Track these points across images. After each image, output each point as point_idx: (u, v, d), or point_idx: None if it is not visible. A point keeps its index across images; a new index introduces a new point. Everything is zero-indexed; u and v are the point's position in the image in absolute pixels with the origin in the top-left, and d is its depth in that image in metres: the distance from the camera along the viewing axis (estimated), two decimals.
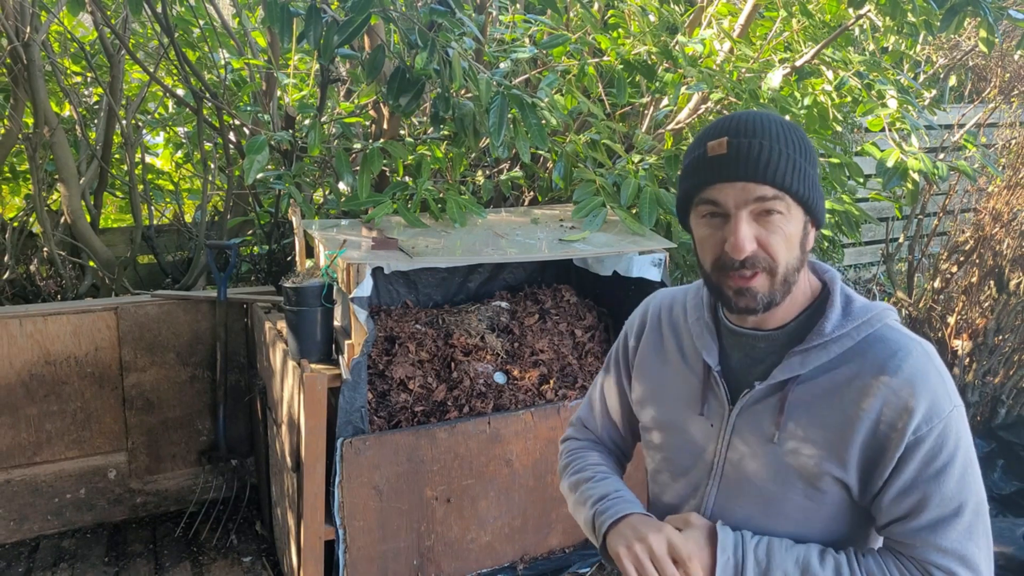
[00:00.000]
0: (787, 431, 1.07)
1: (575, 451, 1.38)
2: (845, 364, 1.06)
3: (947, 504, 1.01)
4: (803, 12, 2.94)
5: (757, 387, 1.10)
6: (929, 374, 1.03)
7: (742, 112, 1.06)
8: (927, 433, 1.00)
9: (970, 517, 1.01)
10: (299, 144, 2.73)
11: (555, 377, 2.40)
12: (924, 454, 1.01)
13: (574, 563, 2.39)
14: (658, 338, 1.27)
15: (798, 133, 1.04)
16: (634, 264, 2.44)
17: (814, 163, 1.05)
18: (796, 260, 1.04)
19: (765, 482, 1.10)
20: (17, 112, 3.37)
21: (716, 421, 1.15)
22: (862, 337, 1.06)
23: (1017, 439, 3.45)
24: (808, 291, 1.12)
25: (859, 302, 1.10)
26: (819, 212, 1.06)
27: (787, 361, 1.08)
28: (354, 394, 2.04)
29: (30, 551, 2.83)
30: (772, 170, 1.00)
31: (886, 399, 1.02)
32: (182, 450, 3.10)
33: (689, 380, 1.19)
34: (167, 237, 4.05)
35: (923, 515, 1.02)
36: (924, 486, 1.01)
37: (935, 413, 1.01)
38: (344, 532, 2.10)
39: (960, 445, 1.02)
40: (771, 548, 1.06)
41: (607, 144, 2.86)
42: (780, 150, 1.00)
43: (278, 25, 2.25)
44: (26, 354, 2.77)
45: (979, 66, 5.02)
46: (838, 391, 1.05)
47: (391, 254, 2.18)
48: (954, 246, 3.73)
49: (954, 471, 1.01)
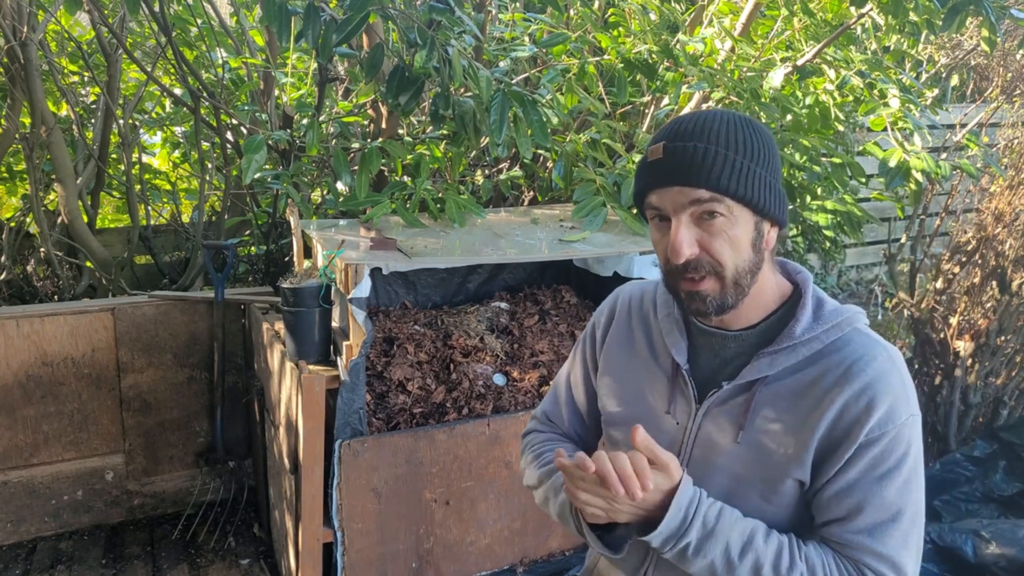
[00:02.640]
0: (751, 431, 1.08)
1: (539, 444, 1.33)
2: (811, 366, 1.07)
3: (886, 509, 1.02)
4: (805, 11, 2.92)
5: (724, 387, 1.10)
6: (891, 379, 1.03)
7: (689, 114, 1.06)
8: (879, 437, 1.01)
9: (907, 525, 1.02)
10: (297, 143, 2.71)
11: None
12: (872, 457, 1.02)
13: (574, 566, 2.38)
14: (627, 331, 1.26)
15: (746, 133, 1.02)
16: (634, 264, 2.42)
17: (766, 162, 1.03)
18: (746, 262, 1.03)
19: (725, 479, 1.10)
20: (14, 112, 3.36)
21: (682, 419, 1.14)
22: (831, 340, 1.07)
23: (1019, 440, 3.43)
24: (777, 292, 1.12)
25: (830, 305, 1.11)
26: (773, 211, 1.04)
27: (756, 362, 1.08)
28: (352, 395, 2.02)
29: (27, 553, 2.81)
30: (706, 173, 0.99)
31: (846, 401, 1.03)
32: (179, 452, 3.08)
33: (657, 377, 1.19)
34: (164, 237, 4.03)
35: (861, 517, 1.02)
36: (866, 488, 1.02)
37: (890, 418, 1.02)
38: (342, 534, 2.08)
39: (909, 453, 1.03)
40: (722, 514, 1.05)
41: (607, 143, 2.84)
42: (717, 151, 1.00)
43: (276, 24, 2.24)
44: (23, 355, 2.76)
45: (981, 65, 5.01)
46: (803, 392, 1.06)
47: (389, 254, 2.17)
48: (956, 246, 3.71)
49: (898, 478, 1.02)
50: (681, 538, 1.03)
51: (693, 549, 1.03)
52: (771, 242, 1.08)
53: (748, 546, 1.03)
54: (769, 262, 1.10)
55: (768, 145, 1.04)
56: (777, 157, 1.06)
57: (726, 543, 1.03)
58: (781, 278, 1.14)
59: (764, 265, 1.08)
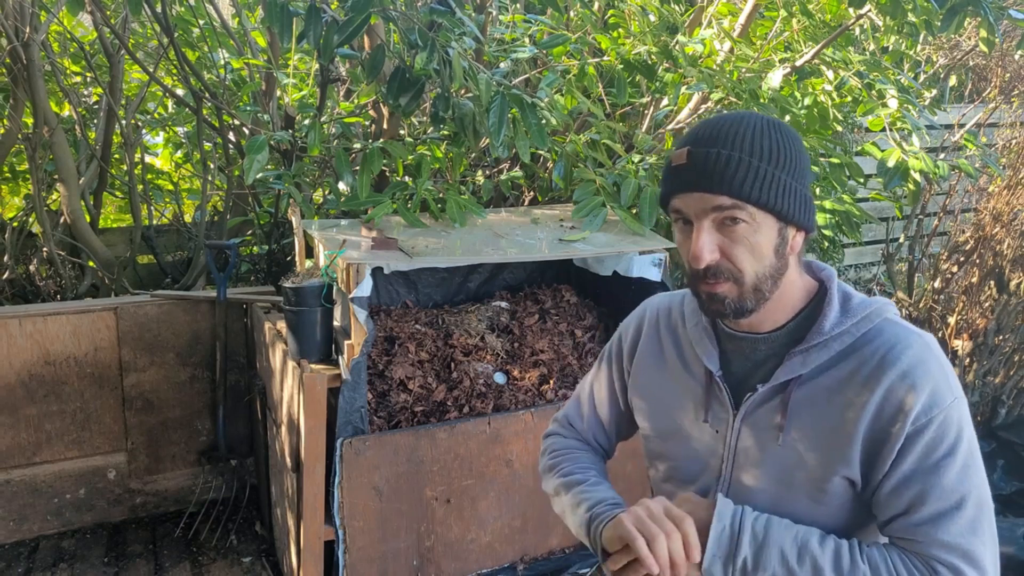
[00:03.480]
0: (791, 432, 1.07)
1: (562, 451, 1.36)
2: (845, 360, 1.05)
3: (948, 497, 0.99)
4: (803, 12, 2.94)
5: (760, 389, 1.09)
6: (929, 365, 1.02)
7: (716, 118, 1.05)
8: (927, 424, 0.99)
9: (973, 511, 0.99)
10: (299, 144, 2.72)
11: (555, 377, 2.40)
12: (924, 445, 0.99)
13: (574, 564, 2.39)
14: (656, 345, 1.26)
15: (773, 139, 1.02)
16: (634, 264, 2.44)
17: (792, 168, 1.02)
18: (768, 268, 1.03)
19: (771, 484, 1.09)
20: (17, 112, 3.37)
21: (721, 427, 1.14)
22: (861, 333, 1.06)
23: (1018, 439, 3.45)
24: (803, 291, 1.11)
25: (857, 298, 1.10)
26: (798, 216, 1.03)
27: (788, 362, 1.08)
28: (354, 394, 2.03)
29: (30, 551, 2.83)
30: (728, 179, 0.99)
31: (886, 391, 1.01)
32: (182, 450, 3.09)
33: (691, 387, 1.19)
34: (167, 237, 4.04)
35: (923, 508, 0.99)
36: (923, 478, 1.00)
37: (935, 403, 0.99)
38: (344, 532, 2.10)
39: (962, 437, 1.00)
40: (770, 523, 1.05)
41: (607, 144, 2.85)
42: (740, 158, 0.99)
43: (278, 25, 2.25)
44: (26, 354, 2.77)
45: (979, 66, 5.02)
46: (840, 388, 1.05)
47: (391, 254, 2.18)
48: (954, 246, 3.73)
49: (955, 463, 0.99)
50: (735, 556, 1.02)
51: (751, 564, 1.02)
52: (796, 246, 1.07)
53: (804, 550, 1.02)
54: (795, 264, 1.09)
55: (795, 150, 1.03)
56: (804, 161, 1.04)
57: (781, 551, 1.02)
58: (807, 277, 1.13)
59: (790, 268, 1.07)
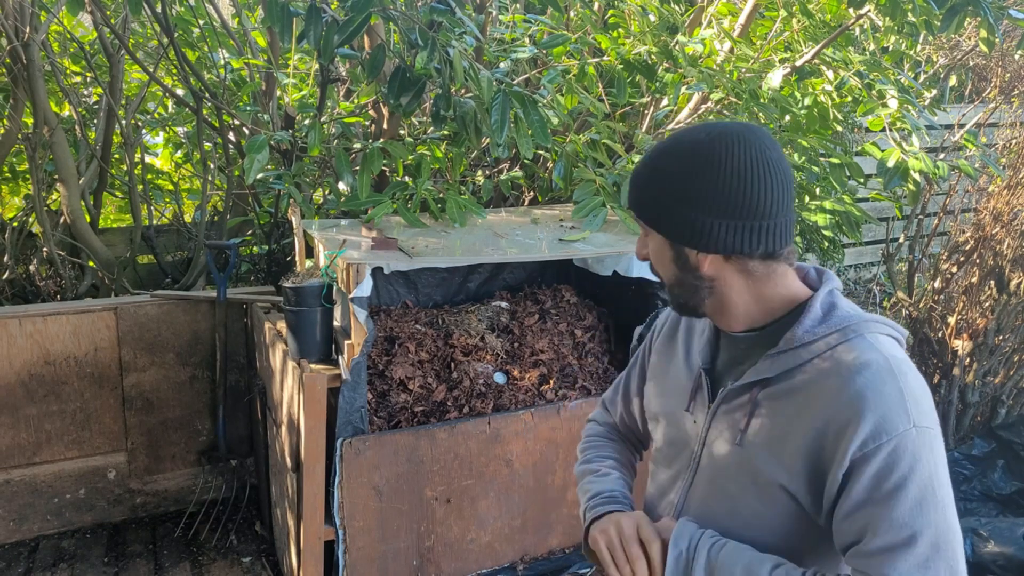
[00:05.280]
0: (749, 433, 1.09)
1: (590, 438, 1.46)
2: (807, 372, 1.04)
3: (898, 531, 0.94)
4: (803, 12, 2.94)
5: (729, 386, 1.13)
6: (884, 388, 0.98)
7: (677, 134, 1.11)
8: (875, 451, 0.95)
9: (926, 551, 0.93)
10: (299, 144, 2.72)
11: (555, 377, 2.40)
12: (872, 473, 0.96)
13: (574, 564, 2.39)
14: (672, 336, 1.32)
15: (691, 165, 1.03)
16: (634, 264, 2.44)
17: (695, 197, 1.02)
18: (672, 276, 1.12)
19: (727, 481, 1.12)
20: (17, 112, 3.37)
21: (699, 418, 1.18)
22: (832, 346, 1.03)
23: (1017, 439, 3.45)
24: (788, 298, 1.10)
25: (843, 311, 1.07)
26: (686, 240, 1.06)
27: (759, 364, 1.09)
28: (354, 394, 2.04)
29: (30, 551, 2.83)
30: (631, 195, 1.13)
31: (833, 411, 0.99)
32: (182, 450, 3.09)
33: (685, 376, 1.24)
34: (167, 237, 4.04)
35: (874, 540, 0.95)
36: (872, 507, 0.96)
37: (884, 430, 0.95)
38: (344, 532, 2.10)
39: (916, 469, 0.95)
40: (725, 550, 1.06)
41: (607, 144, 2.85)
42: (648, 178, 1.09)
43: (278, 25, 2.25)
44: (26, 354, 2.77)
45: (979, 66, 5.02)
46: (794, 398, 1.05)
47: (391, 254, 2.18)
48: (954, 246, 3.73)
49: (907, 495, 0.95)
50: None
51: None
52: (701, 264, 1.07)
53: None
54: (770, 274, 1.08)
55: (716, 179, 1.01)
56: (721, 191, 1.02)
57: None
58: (800, 285, 1.12)
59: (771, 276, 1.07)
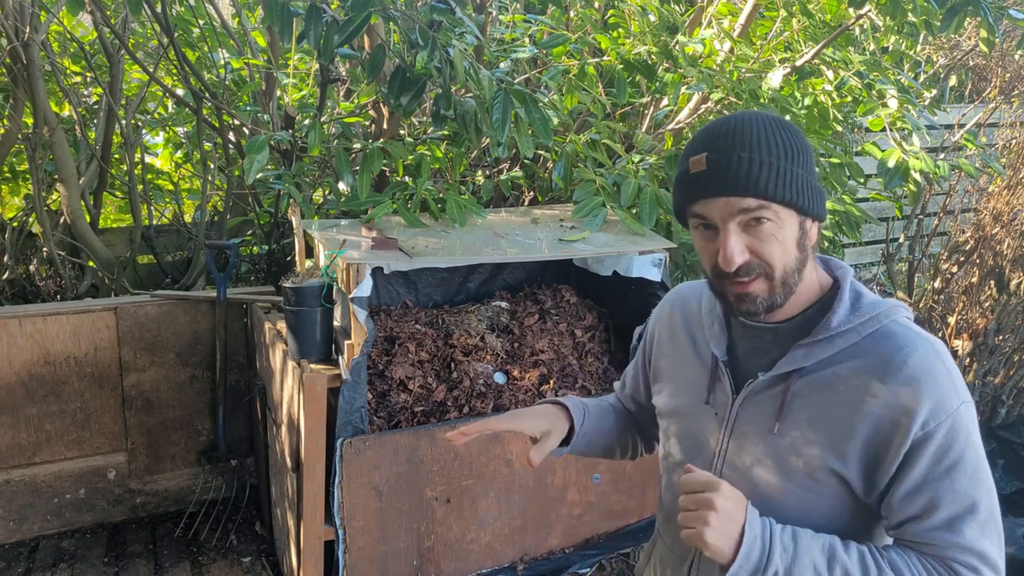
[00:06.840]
0: (787, 423, 1.09)
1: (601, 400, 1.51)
2: (850, 359, 1.06)
3: (961, 501, 1.01)
4: (803, 12, 2.94)
5: (760, 377, 1.12)
6: (935, 370, 1.02)
7: (724, 119, 1.06)
8: (935, 429, 1.00)
9: (984, 515, 1.01)
10: (299, 144, 2.72)
11: (555, 377, 2.40)
12: (933, 451, 1.01)
13: (574, 564, 2.39)
14: (671, 329, 1.32)
15: (783, 134, 1.03)
16: (634, 264, 2.44)
17: (804, 161, 1.04)
18: (794, 261, 1.06)
19: (764, 472, 1.11)
20: (17, 112, 3.37)
21: (721, 410, 1.18)
22: (868, 333, 1.07)
23: (1018, 439, 3.45)
24: (816, 286, 1.13)
25: (869, 298, 1.11)
26: (815, 208, 1.06)
27: (791, 353, 1.10)
28: (354, 394, 2.03)
29: (30, 551, 2.83)
30: (753, 182, 1.00)
31: (890, 396, 1.02)
32: (182, 450, 3.09)
33: (698, 370, 1.23)
34: (167, 237, 4.04)
35: (937, 513, 1.01)
36: (936, 484, 1.01)
37: (941, 409, 1.00)
38: (344, 532, 2.10)
39: (970, 442, 1.02)
40: (796, 535, 1.05)
41: (607, 144, 2.85)
42: (760, 159, 1.01)
43: (278, 25, 2.25)
44: (26, 354, 2.77)
45: (979, 66, 5.02)
46: (840, 386, 1.06)
47: (391, 254, 2.18)
48: (954, 246, 3.73)
49: (966, 467, 1.01)
50: (767, 568, 1.03)
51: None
52: (813, 237, 1.09)
53: (834, 559, 1.03)
54: (811, 258, 1.11)
55: (802, 143, 1.05)
56: (811, 153, 1.07)
57: (812, 562, 1.03)
58: (822, 273, 1.15)
59: (808, 261, 1.09)
